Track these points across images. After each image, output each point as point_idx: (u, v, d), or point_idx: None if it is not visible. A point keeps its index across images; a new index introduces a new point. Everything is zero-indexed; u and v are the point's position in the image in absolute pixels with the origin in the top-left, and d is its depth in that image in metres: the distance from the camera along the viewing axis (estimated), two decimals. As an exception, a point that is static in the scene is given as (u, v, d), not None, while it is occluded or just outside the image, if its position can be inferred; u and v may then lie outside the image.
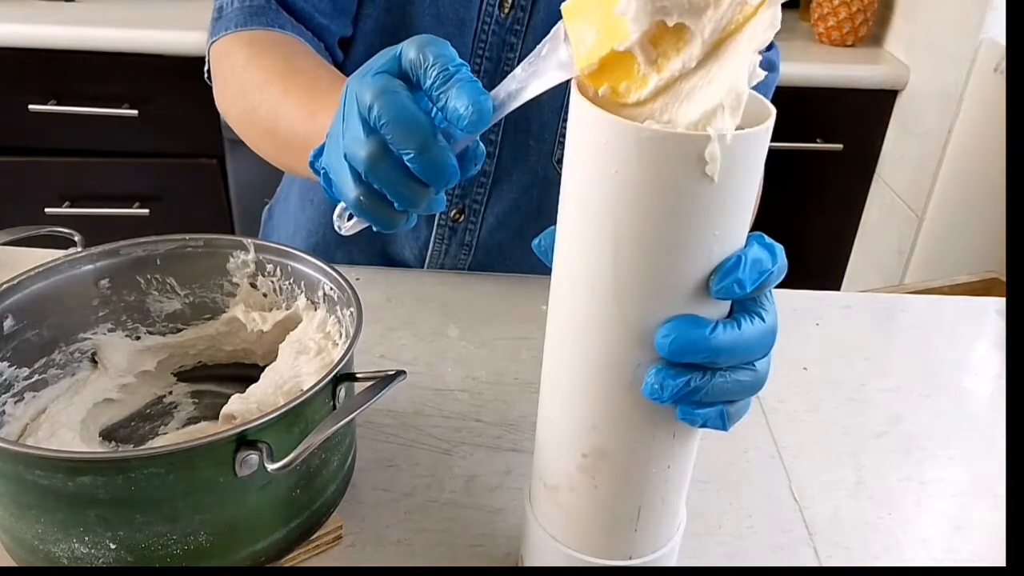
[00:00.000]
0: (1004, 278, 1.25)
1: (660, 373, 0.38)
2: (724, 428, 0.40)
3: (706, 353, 0.37)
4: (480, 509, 0.56)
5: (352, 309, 0.54)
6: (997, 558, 0.55)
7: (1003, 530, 0.57)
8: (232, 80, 0.70)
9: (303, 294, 0.61)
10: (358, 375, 0.51)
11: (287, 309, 0.62)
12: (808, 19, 1.80)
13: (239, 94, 0.69)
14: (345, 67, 0.79)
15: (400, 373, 0.49)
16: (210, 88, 0.76)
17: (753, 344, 0.38)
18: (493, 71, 0.78)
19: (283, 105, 0.62)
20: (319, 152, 0.48)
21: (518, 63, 0.76)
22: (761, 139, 0.35)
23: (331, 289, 0.58)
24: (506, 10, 0.75)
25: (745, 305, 0.39)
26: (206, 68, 0.76)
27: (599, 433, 0.41)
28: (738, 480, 0.60)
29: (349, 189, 0.43)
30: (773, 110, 0.36)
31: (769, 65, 0.83)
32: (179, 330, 0.63)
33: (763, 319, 0.38)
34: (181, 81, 1.55)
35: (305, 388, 0.48)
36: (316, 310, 0.59)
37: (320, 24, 0.74)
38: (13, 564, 0.49)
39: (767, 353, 0.40)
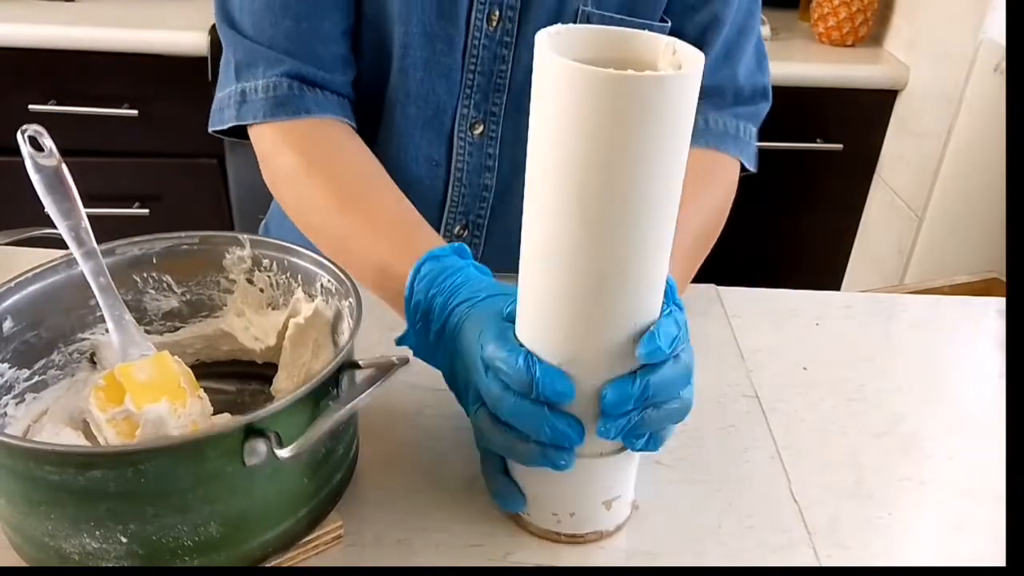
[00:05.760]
0: (1004, 278, 1.25)
1: (605, 422, 0.47)
2: (655, 450, 0.50)
3: (636, 400, 0.47)
4: (480, 509, 0.56)
5: (351, 300, 0.54)
6: (997, 558, 0.55)
7: (1003, 530, 0.57)
8: (286, 189, 0.73)
9: (300, 288, 0.61)
10: (361, 363, 0.51)
11: (285, 306, 0.62)
12: (808, 19, 1.80)
13: (296, 208, 0.73)
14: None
15: (404, 360, 0.49)
16: (210, 88, 0.76)
17: (675, 381, 0.48)
18: (486, 85, 0.77)
19: (351, 243, 0.66)
20: (405, 337, 0.57)
21: (510, 75, 0.76)
22: (693, 81, 0.42)
23: (329, 282, 0.58)
24: (494, 23, 0.75)
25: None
26: (215, 127, 0.77)
27: (571, 349, 0.47)
28: (738, 480, 0.60)
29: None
30: (701, 56, 0.43)
31: (763, 93, 0.83)
32: (176, 328, 0.63)
33: (678, 359, 0.48)
34: (181, 81, 1.55)
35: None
36: (314, 302, 0.59)
37: (338, 83, 0.75)
38: (22, 563, 0.49)
39: (688, 384, 0.49)
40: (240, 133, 0.77)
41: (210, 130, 0.77)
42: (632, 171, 0.42)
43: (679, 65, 0.44)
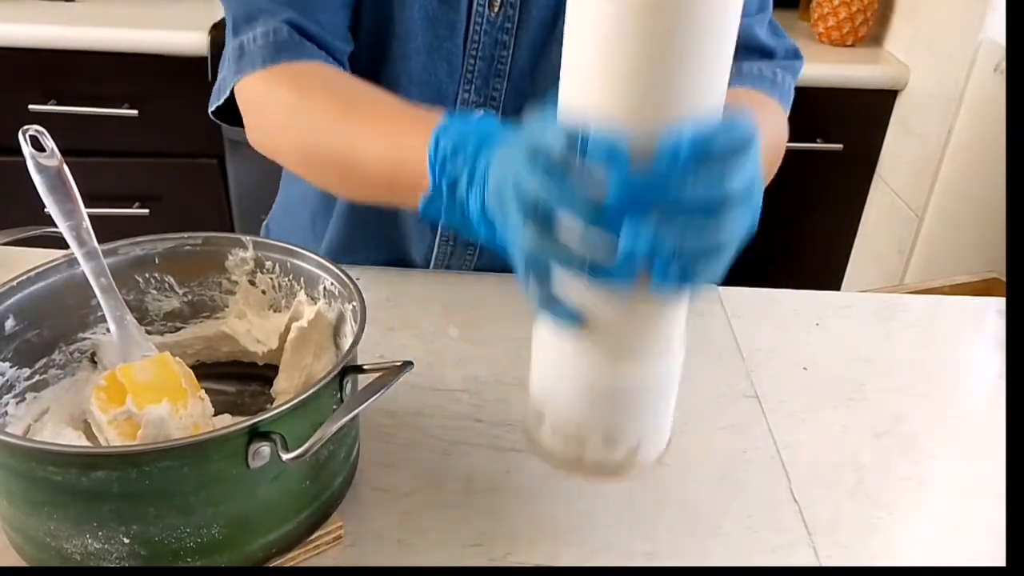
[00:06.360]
0: (1004, 278, 1.25)
1: (630, 225, 0.40)
2: (688, 283, 0.41)
3: (657, 191, 0.39)
4: (480, 509, 0.56)
5: (355, 303, 0.54)
6: (997, 558, 0.55)
7: (1003, 530, 0.57)
8: (282, 117, 0.69)
9: (303, 290, 0.61)
10: (365, 367, 0.51)
11: (287, 308, 0.62)
12: (808, 19, 1.80)
13: (294, 131, 0.68)
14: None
15: (408, 364, 0.49)
16: (210, 88, 0.76)
17: (708, 192, 0.40)
18: (487, 70, 0.77)
19: (359, 141, 0.61)
20: (429, 201, 0.51)
21: (511, 60, 0.76)
22: None
23: (332, 284, 0.58)
24: (496, 9, 0.75)
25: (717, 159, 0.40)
26: (217, 102, 0.75)
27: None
28: (738, 480, 0.60)
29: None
30: None
31: (795, 53, 0.83)
32: (178, 329, 0.64)
33: (720, 174, 0.40)
34: (181, 81, 1.55)
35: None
36: (316, 304, 0.59)
37: (336, 47, 0.74)
38: (23, 563, 0.49)
39: (734, 210, 0.41)
40: (240, 120, 0.75)
41: (210, 109, 0.75)
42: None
43: None
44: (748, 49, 0.80)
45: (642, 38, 0.39)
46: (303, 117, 0.67)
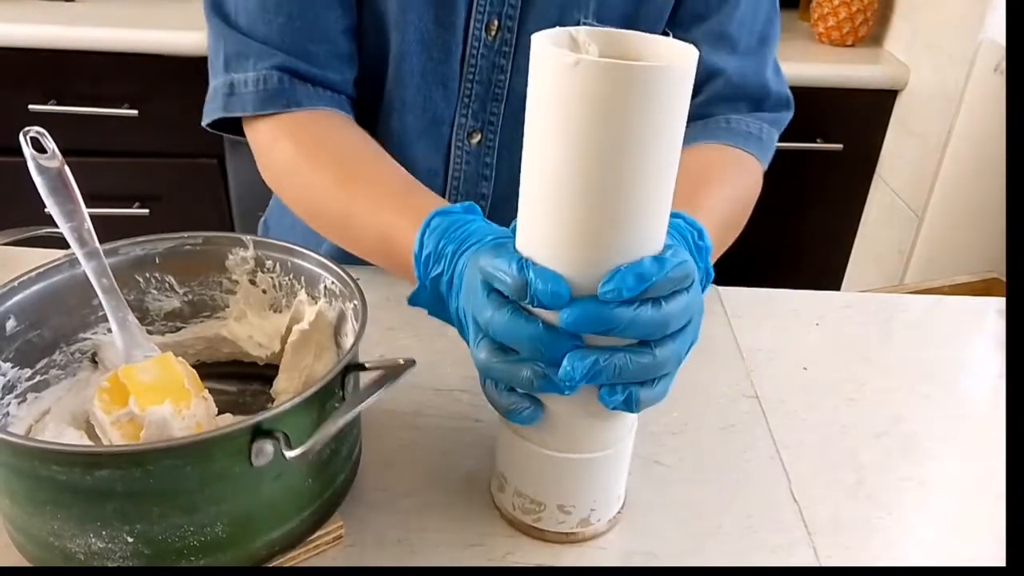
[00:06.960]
0: (1004, 278, 1.25)
1: (571, 357, 0.43)
2: (628, 409, 0.45)
3: (602, 323, 0.43)
4: (480, 509, 0.56)
5: (356, 302, 0.55)
6: (997, 558, 0.55)
7: (1003, 530, 0.57)
8: (285, 170, 0.72)
9: (303, 289, 0.61)
10: (367, 365, 0.52)
11: (287, 308, 0.62)
12: (808, 19, 1.81)
13: (297, 188, 0.72)
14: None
15: (410, 362, 0.49)
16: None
17: (647, 325, 0.43)
18: (484, 94, 0.77)
19: (354, 218, 0.65)
20: (417, 293, 0.55)
21: (508, 84, 0.76)
22: (686, 72, 0.42)
23: (332, 283, 0.58)
24: (493, 32, 0.74)
25: (657, 295, 0.44)
26: (205, 122, 0.76)
27: None
28: (738, 480, 0.60)
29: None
30: (694, 50, 0.43)
31: (787, 103, 0.84)
32: (178, 329, 0.64)
33: (659, 307, 0.44)
34: (181, 81, 1.55)
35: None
36: (316, 304, 0.59)
37: (333, 80, 0.74)
38: (25, 562, 0.50)
39: (665, 339, 0.45)
40: (236, 128, 0.76)
41: (203, 124, 0.77)
42: (629, 155, 0.42)
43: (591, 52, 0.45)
44: (738, 97, 0.80)
45: (585, 190, 0.42)
46: (302, 182, 0.70)
